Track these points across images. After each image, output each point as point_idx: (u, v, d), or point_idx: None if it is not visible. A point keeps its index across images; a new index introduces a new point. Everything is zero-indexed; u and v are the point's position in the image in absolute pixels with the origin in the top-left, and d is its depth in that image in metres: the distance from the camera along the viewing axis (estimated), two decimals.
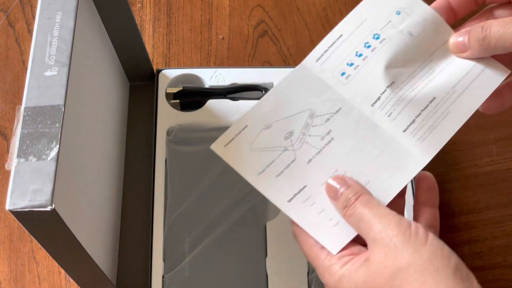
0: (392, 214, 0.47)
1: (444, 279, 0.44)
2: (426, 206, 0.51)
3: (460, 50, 0.53)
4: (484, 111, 0.56)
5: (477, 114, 0.80)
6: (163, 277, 0.68)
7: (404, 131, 0.53)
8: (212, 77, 0.78)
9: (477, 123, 0.80)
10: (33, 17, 0.87)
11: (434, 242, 0.45)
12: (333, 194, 0.51)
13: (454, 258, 0.45)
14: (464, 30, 0.53)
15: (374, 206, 0.48)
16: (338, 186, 0.50)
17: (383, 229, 0.46)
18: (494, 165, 0.78)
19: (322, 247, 0.50)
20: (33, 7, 0.88)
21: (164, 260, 0.69)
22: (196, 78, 0.78)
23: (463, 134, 0.79)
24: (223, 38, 0.87)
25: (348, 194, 0.50)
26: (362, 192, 0.50)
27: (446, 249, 0.45)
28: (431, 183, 0.53)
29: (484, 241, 0.74)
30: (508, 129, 0.80)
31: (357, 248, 0.49)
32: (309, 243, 0.51)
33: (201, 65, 0.85)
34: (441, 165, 0.78)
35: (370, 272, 0.46)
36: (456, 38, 0.53)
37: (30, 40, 0.86)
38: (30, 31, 0.87)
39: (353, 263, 0.48)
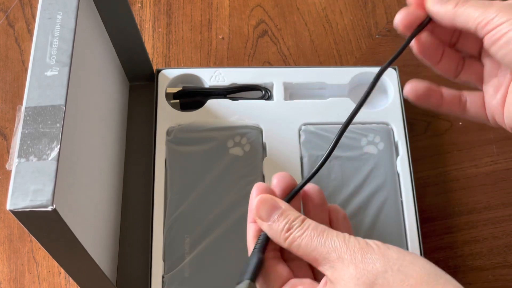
0: (343, 233, 0.47)
1: (421, 268, 0.44)
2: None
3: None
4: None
5: None
6: (163, 277, 0.68)
7: None
8: (212, 77, 0.78)
9: (477, 123, 0.80)
10: (33, 17, 0.87)
11: (394, 247, 0.45)
12: (267, 213, 0.49)
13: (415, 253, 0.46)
14: None
15: (325, 228, 0.47)
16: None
17: (347, 245, 0.45)
18: (494, 165, 0.78)
19: None
20: (33, 7, 0.88)
21: (164, 260, 0.69)
22: (196, 78, 0.78)
23: (463, 134, 0.80)
24: (223, 38, 0.87)
25: (289, 216, 0.48)
26: (303, 216, 0.48)
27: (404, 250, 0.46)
28: (343, 213, 0.53)
29: (484, 241, 0.74)
30: None
31: (296, 280, 0.49)
32: None
33: (201, 65, 0.85)
34: (441, 165, 0.78)
35: None
36: None
37: (30, 40, 0.86)
38: (30, 31, 0.87)
39: None
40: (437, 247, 0.73)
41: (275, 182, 0.52)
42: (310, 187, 0.53)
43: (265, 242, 0.50)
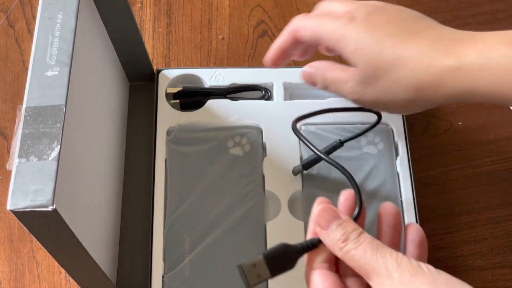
0: (398, 252, 0.47)
1: None
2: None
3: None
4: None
5: (477, 114, 0.81)
6: (163, 277, 0.68)
7: None
8: (212, 77, 0.78)
9: (477, 123, 0.80)
10: (33, 17, 0.87)
11: (445, 273, 0.46)
12: (327, 222, 0.50)
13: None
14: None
15: (379, 244, 0.48)
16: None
17: (398, 264, 0.46)
18: (494, 165, 0.78)
19: None
20: (33, 7, 0.88)
21: (164, 260, 0.69)
22: (196, 78, 0.79)
23: (463, 134, 0.80)
24: (223, 38, 0.87)
25: (347, 227, 0.49)
26: (361, 229, 0.50)
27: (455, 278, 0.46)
28: (422, 237, 0.54)
29: (484, 241, 0.74)
30: (508, 129, 0.80)
31: None
32: None
33: (201, 65, 0.85)
34: (441, 165, 0.78)
35: None
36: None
37: (30, 40, 0.86)
38: (30, 31, 0.87)
39: None
40: (437, 247, 0.73)
41: (342, 200, 0.53)
42: (387, 206, 0.55)
43: (308, 245, 0.51)
